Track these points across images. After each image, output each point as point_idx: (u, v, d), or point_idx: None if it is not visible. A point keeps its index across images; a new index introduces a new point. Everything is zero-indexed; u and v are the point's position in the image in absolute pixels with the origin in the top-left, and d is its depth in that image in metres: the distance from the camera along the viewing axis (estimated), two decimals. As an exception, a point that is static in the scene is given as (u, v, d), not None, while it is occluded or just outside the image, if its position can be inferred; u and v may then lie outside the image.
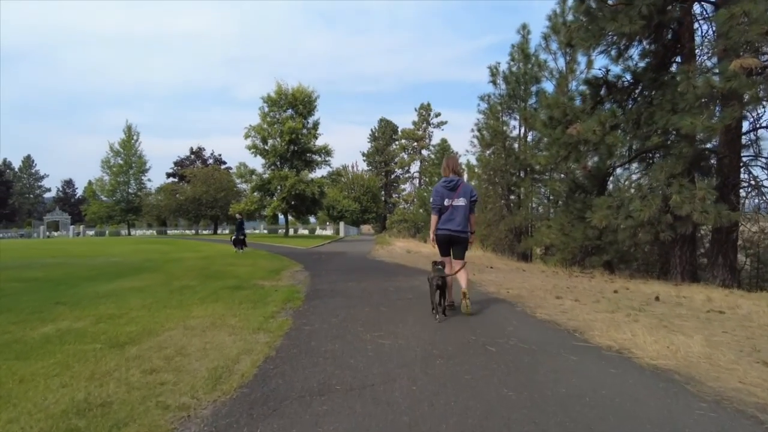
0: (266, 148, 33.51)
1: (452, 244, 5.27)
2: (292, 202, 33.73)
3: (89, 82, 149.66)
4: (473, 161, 26.71)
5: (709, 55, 12.28)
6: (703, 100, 8.89)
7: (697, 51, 11.51)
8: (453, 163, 5.36)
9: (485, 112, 22.23)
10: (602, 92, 12.47)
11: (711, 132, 8.99)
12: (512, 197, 21.97)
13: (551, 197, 19.67)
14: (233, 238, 18.70)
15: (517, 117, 22.31)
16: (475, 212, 5.36)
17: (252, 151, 33.32)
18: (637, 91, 12.38)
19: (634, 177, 12.40)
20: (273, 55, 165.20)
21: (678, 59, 11.77)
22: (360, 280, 8.58)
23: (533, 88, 21.71)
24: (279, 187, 32.84)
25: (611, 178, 13.38)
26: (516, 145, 21.95)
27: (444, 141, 51.03)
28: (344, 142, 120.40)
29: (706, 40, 12.12)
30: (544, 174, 20.52)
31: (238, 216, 19.15)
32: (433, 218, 5.27)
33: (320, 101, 31.99)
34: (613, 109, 11.00)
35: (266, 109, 34.05)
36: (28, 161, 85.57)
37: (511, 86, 21.81)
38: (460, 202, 5.11)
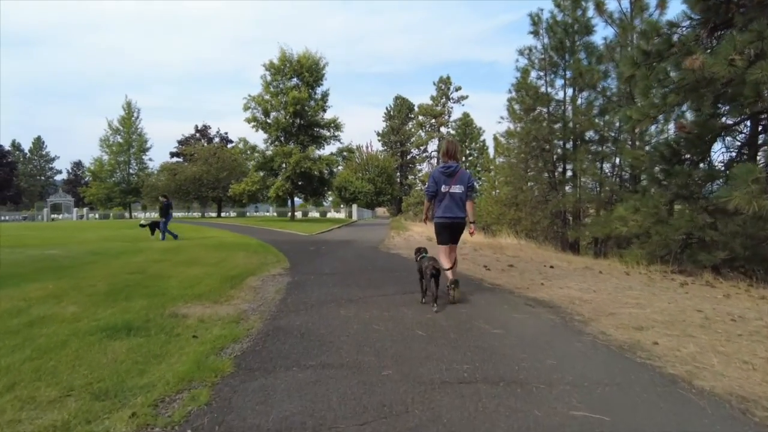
0: (268, 121, 29.85)
1: (452, 231, 5.11)
2: (299, 182, 30.20)
3: (104, 65, 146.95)
4: (500, 136, 22.79)
5: None
6: None
7: None
8: (452, 148, 5.19)
9: (525, 69, 18.23)
10: (718, 18, 8.54)
11: None
12: (557, 174, 18.12)
13: (621, 172, 15.77)
14: (148, 223, 15.53)
15: (564, 75, 18.28)
16: (473, 199, 5.17)
17: (252, 125, 29.69)
18: None
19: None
20: (287, 35, 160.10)
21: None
22: (363, 301, 5.07)
23: (581, 41, 17.67)
24: (283, 165, 29.28)
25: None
26: (563, 110, 17.97)
27: (467, 115, 46.75)
28: (359, 124, 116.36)
29: None
30: (602, 144, 16.61)
31: (162, 198, 15.69)
32: (426, 203, 5.31)
33: (335, 82, 28.51)
34: (758, 28, 7.09)
35: (269, 78, 30.31)
36: (38, 143, 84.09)
37: (557, 37, 17.75)
38: (457, 189, 4.99)
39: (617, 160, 16.23)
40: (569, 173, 18.48)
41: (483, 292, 5.76)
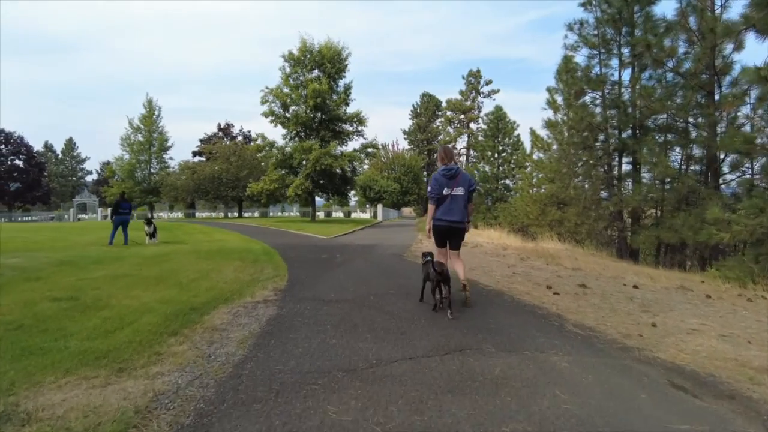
0: (287, 115, 27.99)
1: (450, 236, 5.07)
2: (320, 181, 28.21)
3: (134, 68, 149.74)
4: (542, 127, 20.21)
5: None
6: None
7: None
8: (449, 152, 5.16)
9: (576, 47, 15.69)
10: None
11: None
12: (614, 167, 15.49)
13: (692, 164, 13.07)
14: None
15: (619, 54, 15.66)
16: (473, 202, 5.14)
17: (270, 119, 27.90)
18: None
19: None
20: (313, 35, 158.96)
21: None
22: (374, 377, 2.90)
23: (641, 12, 15.04)
24: (303, 162, 27.37)
25: None
26: (619, 93, 15.34)
27: (499, 108, 43.79)
28: (384, 123, 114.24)
29: None
30: (669, 132, 13.94)
31: (118, 197, 13.93)
32: (431, 208, 5.13)
33: (359, 81, 25.97)
34: None
35: (288, 70, 28.46)
36: (70, 144, 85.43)
37: (614, 7, 15.13)
38: (459, 191, 4.94)
39: (691, 151, 13.53)
40: (625, 167, 15.87)
41: (578, 349, 3.49)
